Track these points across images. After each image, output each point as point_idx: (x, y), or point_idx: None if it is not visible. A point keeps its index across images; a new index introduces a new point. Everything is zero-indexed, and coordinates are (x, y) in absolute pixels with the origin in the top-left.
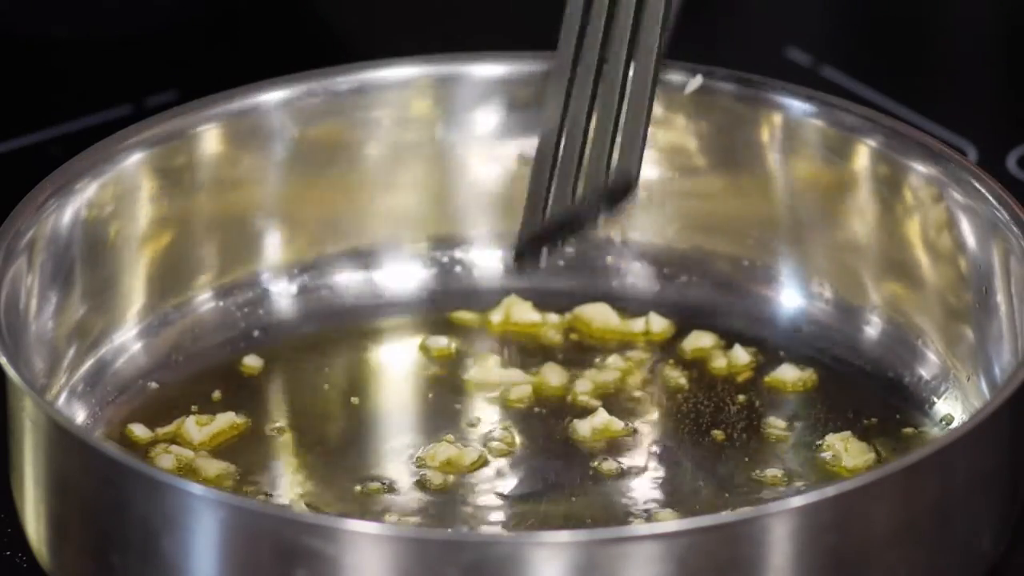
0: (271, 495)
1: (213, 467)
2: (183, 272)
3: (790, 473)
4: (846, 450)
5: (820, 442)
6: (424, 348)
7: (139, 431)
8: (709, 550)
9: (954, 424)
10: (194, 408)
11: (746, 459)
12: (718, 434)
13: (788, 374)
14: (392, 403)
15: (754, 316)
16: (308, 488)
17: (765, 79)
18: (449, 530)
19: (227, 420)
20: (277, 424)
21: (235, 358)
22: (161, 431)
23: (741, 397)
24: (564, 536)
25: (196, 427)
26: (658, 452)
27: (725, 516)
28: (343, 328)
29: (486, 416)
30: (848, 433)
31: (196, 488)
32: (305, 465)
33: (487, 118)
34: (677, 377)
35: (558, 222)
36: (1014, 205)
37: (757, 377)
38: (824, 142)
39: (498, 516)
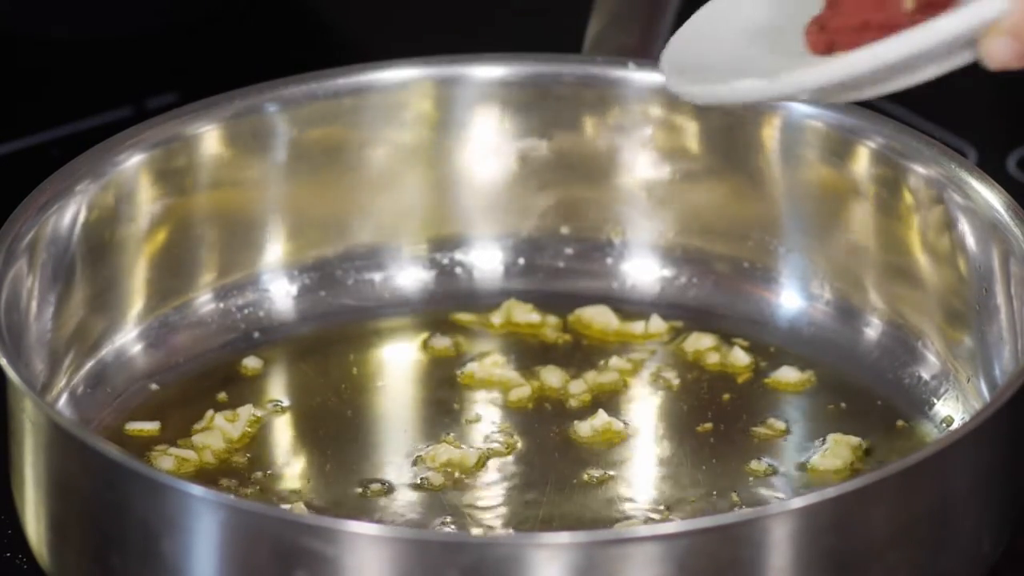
0: (269, 471)
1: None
2: (183, 274)
3: (787, 474)
4: (831, 451)
5: (819, 443)
6: (424, 349)
7: (149, 427)
8: (709, 551)
9: (954, 425)
10: (206, 411)
11: (746, 460)
12: (718, 435)
13: (788, 375)
14: (392, 404)
15: (754, 318)
16: (308, 489)
17: None
18: (449, 531)
19: (247, 411)
20: (277, 425)
21: (235, 359)
22: (198, 427)
23: (741, 399)
24: (564, 537)
25: (227, 422)
26: (658, 453)
27: (725, 517)
28: (343, 329)
29: (486, 417)
30: (847, 435)
31: (196, 489)
32: (305, 466)
33: (487, 119)
34: (677, 379)
35: None
36: (1014, 207)
37: (757, 378)
38: (824, 143)
39: (498, 517)
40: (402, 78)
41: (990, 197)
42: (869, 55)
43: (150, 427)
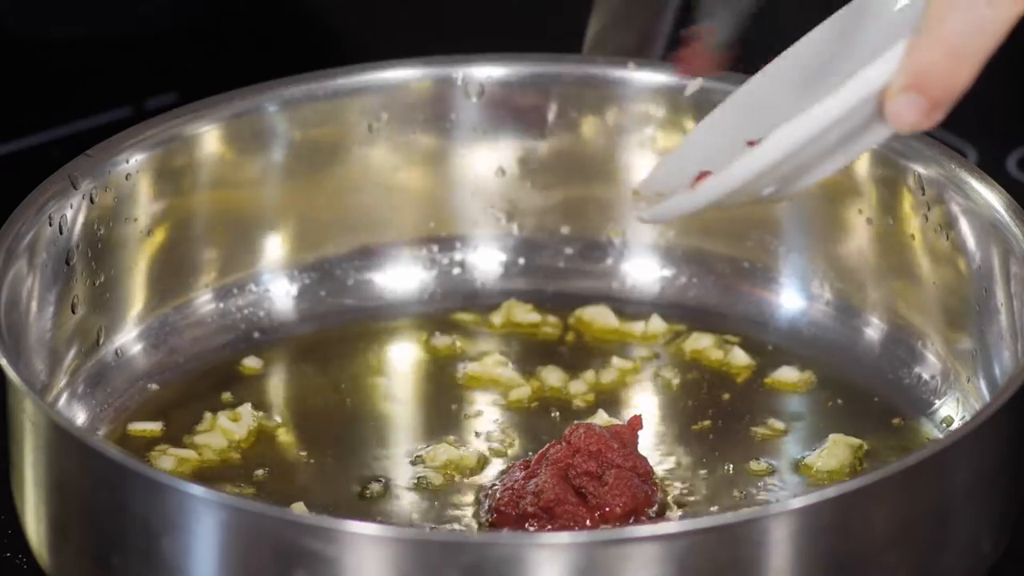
0: (269, 471)
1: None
2: (183, 274)
3: (786, 474)
4: (830, 451)
5: (819, 443)
6: (424, 349)
7: (151, 427)
8: (709, 551)
9: (954, 425)
10: (208, 411)
11: (745, 460)
12: (717, 435)
13: (788, 375)
14: (392, 404)
15: (754, 318)
16: (308, 489)
17: None
18: (449, 531)
19: (248, 411)
20: (277, 425)
21: (235, 359)
22: (198, 427)
23: (741, 398)
24: (564, 537)
25: (227, 422)
26: (658, 453)
27: (725, 517)
28: (343, 329)
29: (486, 417)
30: (847, 435)
31: (196, 489)
32: (305, 466)
33: (487, 118)
34: (676, 378)
35: None
36: (1014, 207)
37: (757, 378)
38: None
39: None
40: (402, 78)
41: (990, 197)
42: (781, 137)
43: (152, 427)
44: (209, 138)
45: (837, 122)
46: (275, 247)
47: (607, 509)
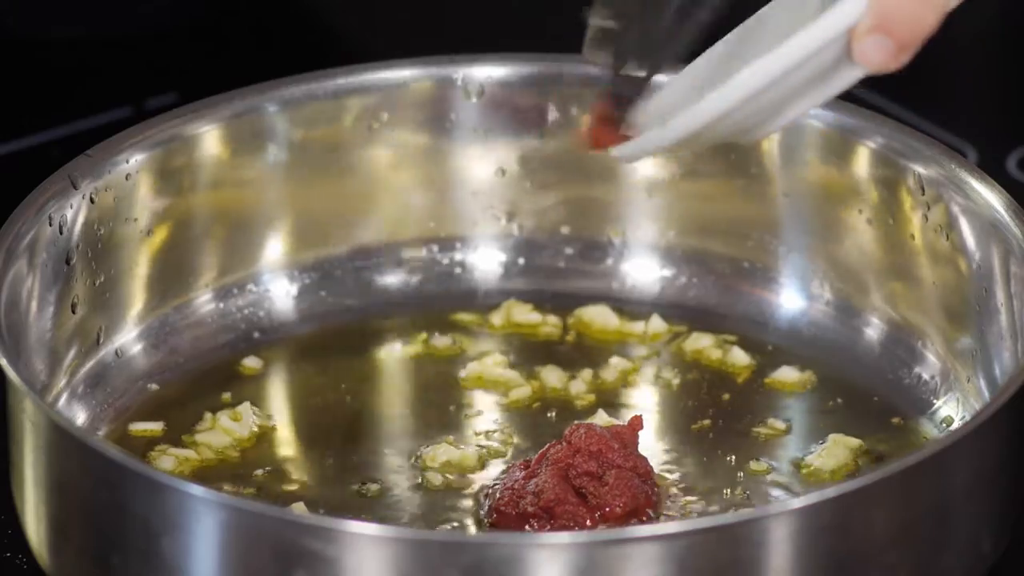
0: (269, 471)
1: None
2: (183, 273)
3: (786, 474)
4: (830, 451)
5: (819, 443)
6: (424, 349)
7: (152, 427)
8: (709, 551)
9: (954, 425)
10: (208, 411)
11: (746, 460)
12: (717, 435)
13: (788, 375)
14: (392, 404)
15: (754, 318)
16: (308, 489)
17: None
18: (449, 531)
19: (247, 411)
20: (277, 425)
21: (235, 359)
22: (199, 426)
23: (741, 398)
24: (564, 537)
25: (232, 422)
26: (658, 453)
27: (725, 517)
28: (343, 329)
29: (486, 417)
30: (847, 435)
31: (196, 489)
32: (305, 466)
33: (487, 119)
34: (677, 378)
35: None
36: (1014, 207)
37: (757, 378)
38: (824, 144)
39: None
40: (402, 78)
41: (990, 197)
42: (748, 75)
43: (152, 427)
44: (209, 138)
45: (805, 60)
46: (275, 247)
47: (607, 509)
